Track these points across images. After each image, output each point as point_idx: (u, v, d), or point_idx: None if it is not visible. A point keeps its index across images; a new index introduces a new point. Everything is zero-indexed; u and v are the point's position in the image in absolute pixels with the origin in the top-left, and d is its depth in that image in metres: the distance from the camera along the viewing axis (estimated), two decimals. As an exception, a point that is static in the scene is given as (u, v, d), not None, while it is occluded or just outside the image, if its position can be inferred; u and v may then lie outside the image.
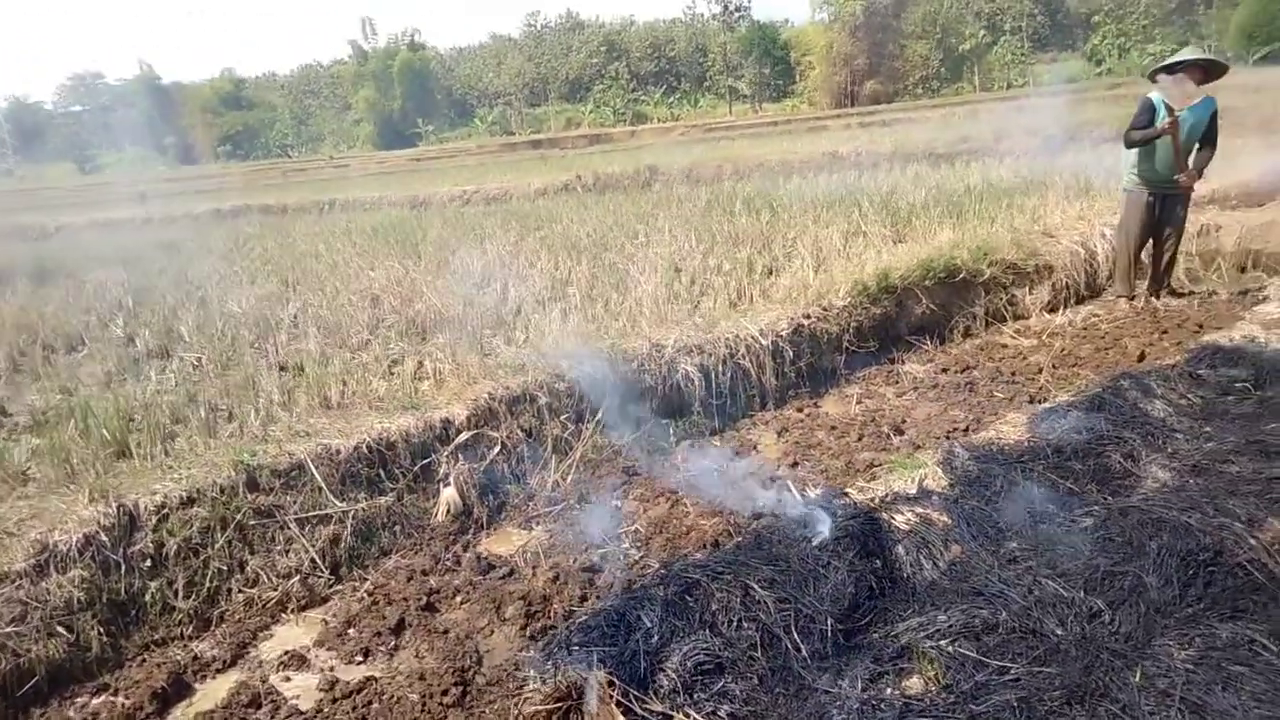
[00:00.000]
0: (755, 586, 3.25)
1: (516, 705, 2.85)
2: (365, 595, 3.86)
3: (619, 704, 2.67)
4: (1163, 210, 6.66)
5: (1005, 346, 6.33)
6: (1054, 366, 5.72)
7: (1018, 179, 11.82)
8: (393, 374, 5.77)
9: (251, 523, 4.00)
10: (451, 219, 14.89)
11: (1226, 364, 4.93)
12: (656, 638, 3.01)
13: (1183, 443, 4.09)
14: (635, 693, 2.73)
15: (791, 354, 5.74)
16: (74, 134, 73.33)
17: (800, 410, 5.55)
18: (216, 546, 3.87)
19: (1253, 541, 2.94)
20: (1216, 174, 8.87)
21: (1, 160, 68.05)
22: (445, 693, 3.07)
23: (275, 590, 3.88)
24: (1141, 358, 5.65)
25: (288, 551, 4.02)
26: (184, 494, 3.92)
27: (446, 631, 3.49)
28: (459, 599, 3.76)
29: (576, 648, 3.02)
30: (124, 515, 3.76)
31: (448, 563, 4.09)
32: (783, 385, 5.75)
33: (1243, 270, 7.58)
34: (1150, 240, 6.80)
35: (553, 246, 10.35)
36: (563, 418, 5.01)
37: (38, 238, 20.38)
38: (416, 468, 4.50)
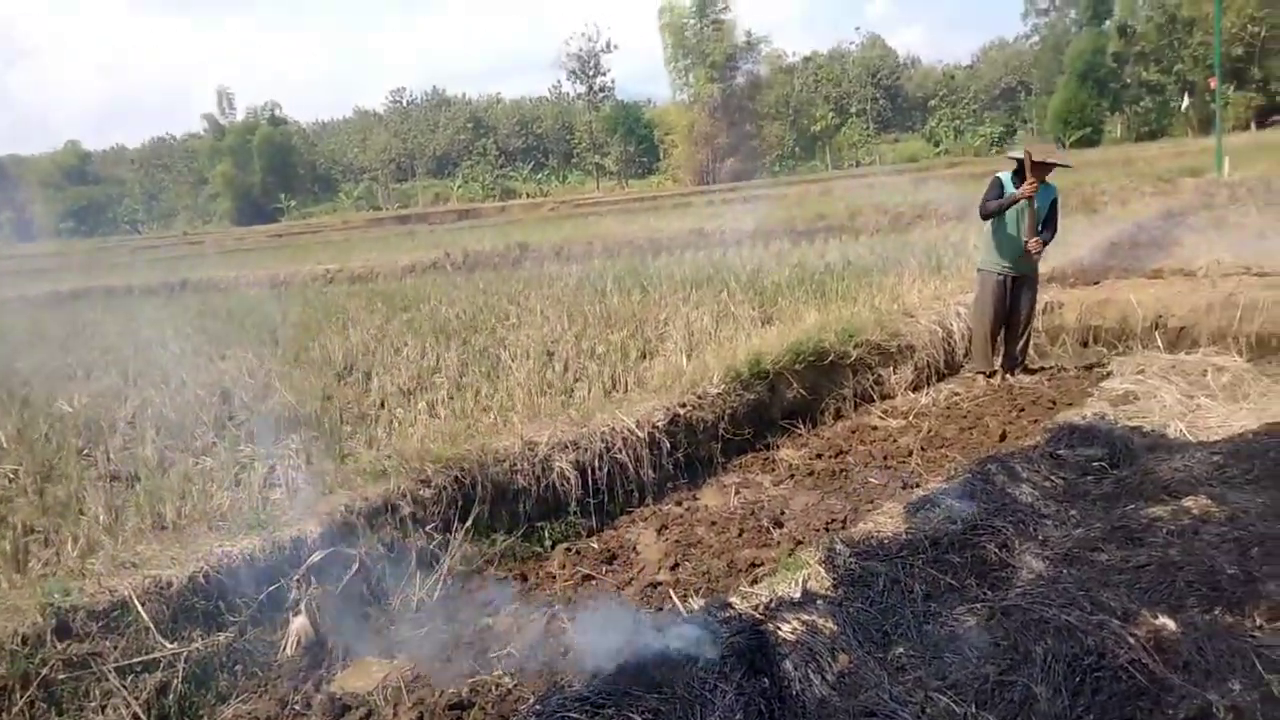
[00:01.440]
0: (635, 716, 3.02)
1: None
2: (198, 753, 3.39)
3: None
4: (1014, 291, 7.03)
5: (875, 428, 6.42)
6: (923, 449, 5.82)
7: (874, 256, 12.36)
8: (239, 483, 5.29)
9: (61, 676, 3.46)
10: (313, 300, 14.30)
11: (1083, 443, 5.11)
12: (531, 791, 2.72)
13: (1052, 529, 4.15)
14: None
15: (668, 445, 5.61)
16: (-113, 208, 67.59)
17: (679, 504, 5.40)
18: (14, 710, 3.32)
19: (1131, 640, 2.94)
20: (1054, 254, 9.49)
21: None
22: None
23: (88, 757, 3.35)
24: (1003, 437, 5.82)
25: (104, 708, 3.49)
26: (-27, 650, 3.37)
27: (292, 793, 3.08)
28: (307, 751, 3.35)
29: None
30: (-104, 682, 3.18)
31: (296, 706, 3.65)
32: (660, 478, 5.60)
33: (1085, 345, 8.04)
34: (1005, 320, 7.15)
35: (420, 330, 10.03)
36: (428, 528, 4.67)
37: None
38: (262, 595, 4.05)
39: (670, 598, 4.00)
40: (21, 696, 3.35)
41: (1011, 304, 7.07)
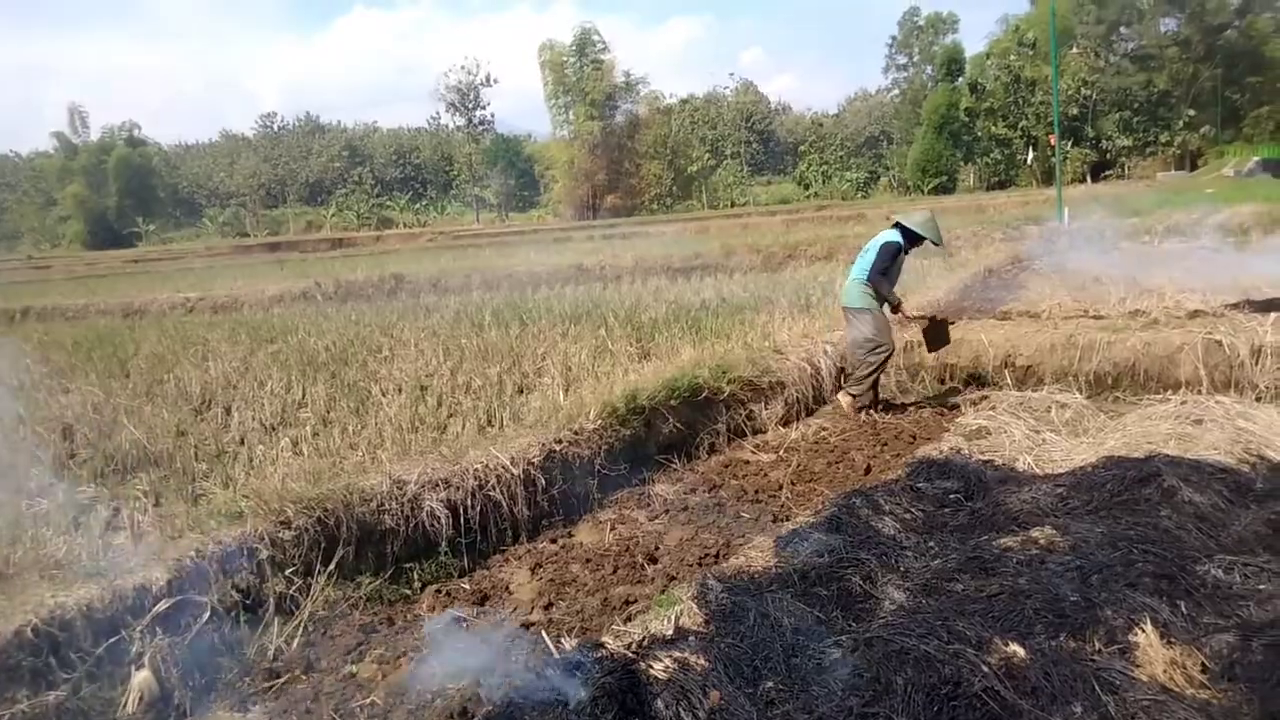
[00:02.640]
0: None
1: None
2: (19, 829, 3.08)
3: None
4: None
5: (748, 463, 6.55)
6: (792, 483, 5.97)
7: (747, 294, 12.72)
8: (78, 526, 4.90)
9: None
10: (171, 330, 13.51)
11: (940, 476, 5.37)
12: None
13: (912, 560, 4.33)
14: None
15: (544, 481, 5.55)
16: None
17: (554, 541, 5.34)
18: None
19: (985, 668, 3.08)
20: (914, 296, 10.02)
21: None
22: None
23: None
24: (868, 471, 6.05)
25: (-92, 783, 3.14)
26: None
27: None
28: (147, 819, 3.09)
29: None
30: None
31: (136, 769, 3.39)
32: (535, 515, 5.53)
33: (942, 382, 8.49)
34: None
35: (286, 363, 9.63)
36: (288, 571, 4.44)
37: None
38: (100, 649, 3.75)
39: (543, 639, 3.93)
40: None
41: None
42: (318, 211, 69.51)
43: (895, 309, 7.49)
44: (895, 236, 7.48)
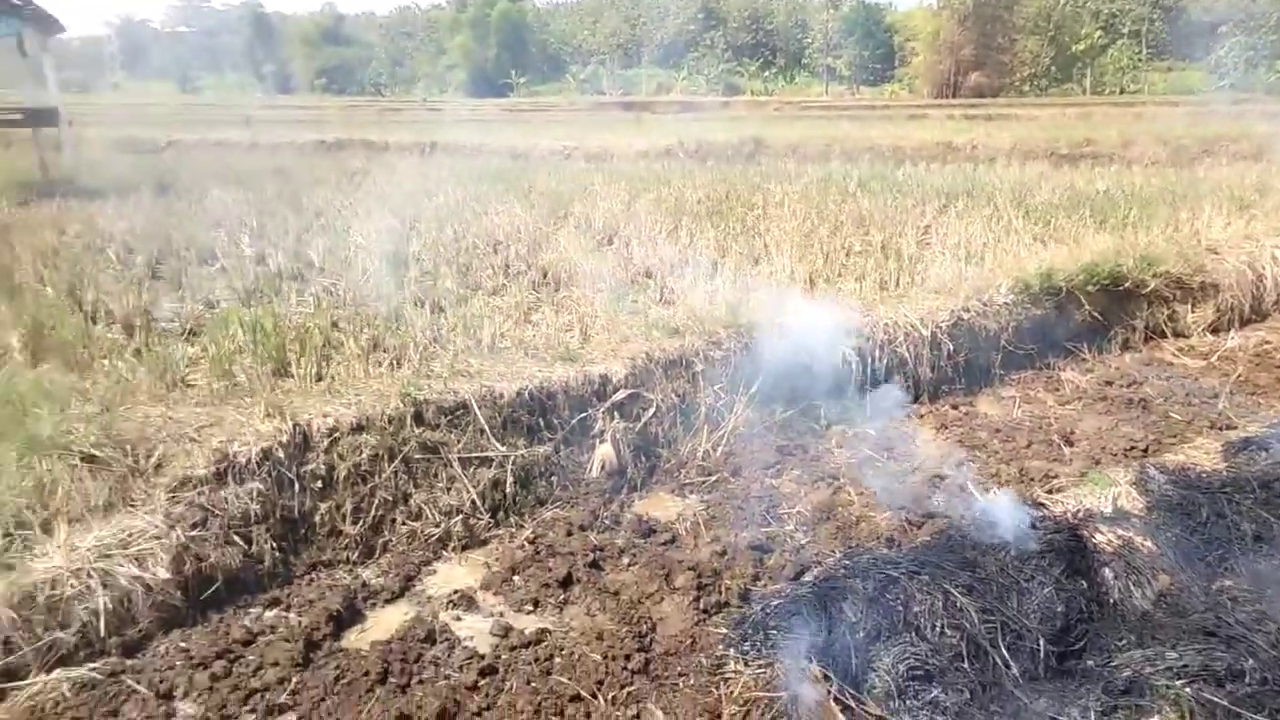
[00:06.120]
0: (954, 592, 3.08)
1: (716, 685, 2.73)
2: (526, 543, 3.78)
3: (836, 701, 2.54)
4: None
5: (1170, 364, 5.99)
6: (1231, 392, 5.38)
7: (1154, 188, 11.25)
8: (530, 322, 5.68)
9: (417, 456, 3.94)
10: (555, 173, 14.74)
11: None
12: (861, 634, 2.86)
13: None
14: (852, 691, 2.59)
15: (950, 347, 5.49)
16: (178, 54, 74.99)
17: (955, 408, 5.32)
18: (383, 476, 3.83)
19: None
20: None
21: (111, 74, 69.88)
22: (629, 658, 2.96)
23: (437, 527, 3.83)
24: (1330, 394, 5.28)
25: (450, 489, 3.96)
26: (354, 420, 3.88)
27: (616, 593, 3.39)
28: (625, 560, 3.65)
29: (774, 632, 2.89)
30: (298, 434, 3.73)
31: (606, 521, 3.99)
32: (936, 379, 5.51)
33: None
34: None
35: (668, 209, 10.17)
36: (716, 387, 4.85)
37: (151, 151, 20.82)
38: (574, 421, 4.39)
39: (969, 489, 3.99)
40: (388, 465, 3.85)
41: None
42: (669, 74, 71.03)
43: None
44: None
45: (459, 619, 3.31)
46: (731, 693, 2.61)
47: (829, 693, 2.52)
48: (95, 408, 3.79)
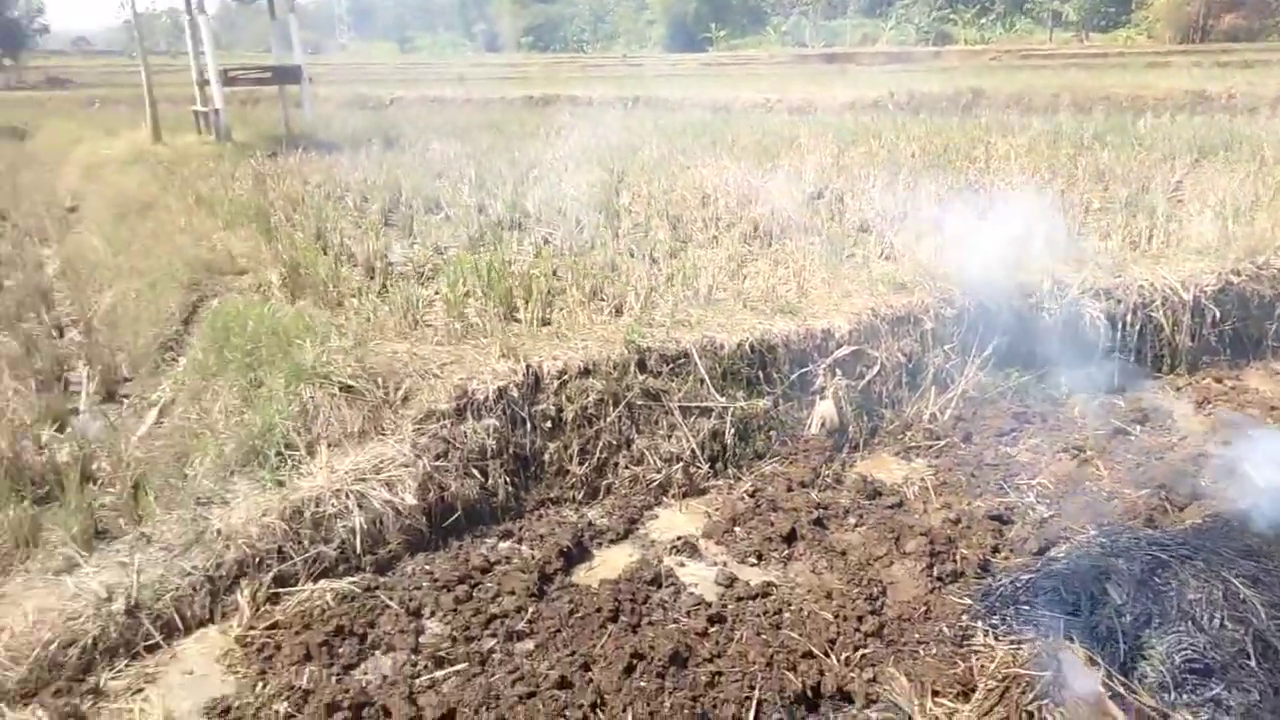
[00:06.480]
0: (1235, 582, 2.75)
1: (964, 657, 2.58)
2: (746, 496, 3.75)
3: (1104, 687, 2.32)
4: None
5: None
6: None
7: None
8: (743, 275, 5.58)
9: (639, 403, 3.98)
10: (758, 126, 14.45)
11: None
12: (1128, 618, 2.61)
13: None
14: (1122, 679, 2.37)
15: (1216, 314, 4.90)
16: (398, 15, 79.69)
17: (1219, 380, 4.76)
18: (608, 420, 3.90)
19: None
20: None
21: (340, 36, 75.48)
22: (861, 619, 2.86)
23: (658, 473, 3.87)
24: None
25: (670, 437, 3.98)
26: (581, 364, 3.96)
27: (844, 553, 3.28)
28: (851, 520, 3.54)
29: (1027, 608, 2.69)
30: (531, 375, 3.86)
31: (828, 479, 3.88)
32: (1197, 349, 4.95)
33: None
34: None
35: (880, 162, 9.71)
36: (946, 347, 4.58)
37: (376, 107, 22.33)
38: (794, 375, 4.29)
39: (1242, 470, 3.55)
40: (613, 410, 3.91)
41: None
42: (875, 24, 67.83)
43: None
44: None
45: (683, 565, 3.33)
46: (985, 666, 2.45)
47: (1101, 680, 2.31)
48: (349, 342, 4.08)
